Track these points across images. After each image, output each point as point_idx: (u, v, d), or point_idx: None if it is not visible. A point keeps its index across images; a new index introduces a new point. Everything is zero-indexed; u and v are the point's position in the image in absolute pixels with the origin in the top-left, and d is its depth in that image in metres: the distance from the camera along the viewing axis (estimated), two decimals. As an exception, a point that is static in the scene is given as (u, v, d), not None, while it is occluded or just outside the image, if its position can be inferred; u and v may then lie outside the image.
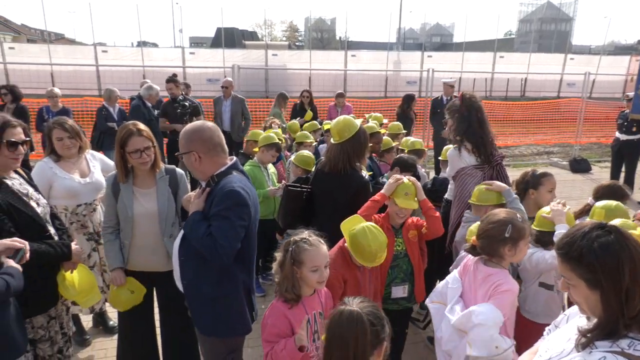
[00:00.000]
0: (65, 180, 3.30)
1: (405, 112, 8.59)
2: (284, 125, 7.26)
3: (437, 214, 3.07)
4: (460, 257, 2.81)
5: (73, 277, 2.61)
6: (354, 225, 2.54)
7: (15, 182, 2.47)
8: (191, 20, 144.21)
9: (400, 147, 5.00)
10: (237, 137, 7.95)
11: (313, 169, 4.24)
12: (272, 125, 6.21)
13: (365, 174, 3.36)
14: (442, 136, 6.04)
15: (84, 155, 3.51)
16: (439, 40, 72.05)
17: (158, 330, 3.18)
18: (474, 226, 2.51)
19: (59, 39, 49.73)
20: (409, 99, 8.65)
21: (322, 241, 2.24)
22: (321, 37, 55.32)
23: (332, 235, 2.83)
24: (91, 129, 7.59)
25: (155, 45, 48.61)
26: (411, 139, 5.16)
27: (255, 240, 2.52)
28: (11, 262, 2.14)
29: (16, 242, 2.18)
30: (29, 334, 2.50)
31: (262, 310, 4.26)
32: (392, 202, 3.02)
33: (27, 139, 2.50)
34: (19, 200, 2.40)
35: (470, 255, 2.37)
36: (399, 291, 3.01)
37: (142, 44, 25.87)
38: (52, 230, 2.58)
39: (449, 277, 2.46)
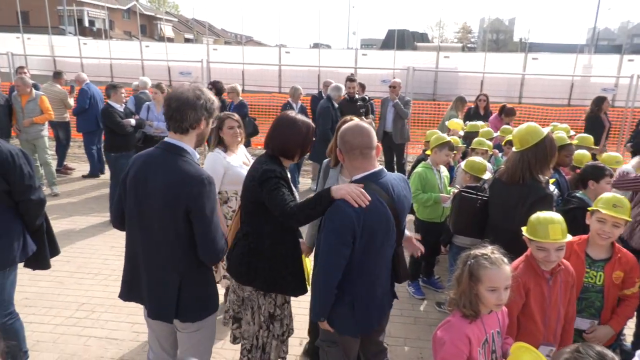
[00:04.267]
0: (236, 169, 3.74)
1: (595, 113, 7.80)
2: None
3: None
4: None
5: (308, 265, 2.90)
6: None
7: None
8: (362, 22, 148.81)
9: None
10: (397, 139, 7.96)
11: (484, 176, 4.09)
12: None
13: (551, 187, 3.13)
14: None
15: (239, 147, 3.94)
16: (643, 41, 61.48)
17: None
18: None
19: (248, 41, 56.46)
20: (599, 101, 7.85)
21: (506, 260, 2.08)
22: (497, 38, 52.11)
23: (507, 248, 2.74)
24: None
25: (328, 46, 51.64)
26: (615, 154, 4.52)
27: (374, 254, 2.39)
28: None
29: None
30: (270, 309, 2.77)
31: (414, 312, 4.30)
32: (593, 219, 2.68)
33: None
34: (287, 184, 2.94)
35: None
36: (584, 324, 2.72)
37: (319, 45, 27.71)
38: None
39: None
